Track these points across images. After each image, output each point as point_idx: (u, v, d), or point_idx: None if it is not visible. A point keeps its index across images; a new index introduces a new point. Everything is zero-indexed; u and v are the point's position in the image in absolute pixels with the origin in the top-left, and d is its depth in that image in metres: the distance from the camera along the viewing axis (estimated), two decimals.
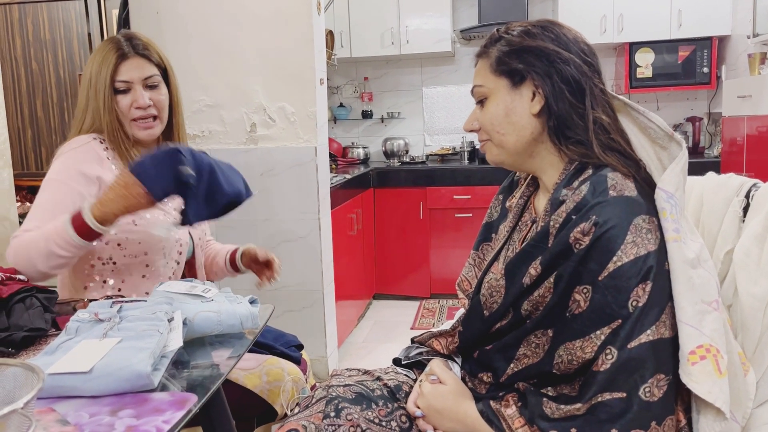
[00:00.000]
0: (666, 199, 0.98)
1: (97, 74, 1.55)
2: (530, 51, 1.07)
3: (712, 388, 0.92)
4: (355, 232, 3.80)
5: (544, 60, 1.06)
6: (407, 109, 4.87)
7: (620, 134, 1.07)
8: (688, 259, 0.95)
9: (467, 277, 1.29)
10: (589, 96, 1.06)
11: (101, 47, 1.58)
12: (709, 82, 4.02)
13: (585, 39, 1.10)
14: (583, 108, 1.05)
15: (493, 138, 1.12)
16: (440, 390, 1.10)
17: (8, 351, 1.12)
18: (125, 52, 1.56)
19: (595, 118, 1.05)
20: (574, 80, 1.05)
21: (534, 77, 1.06)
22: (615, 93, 1.13)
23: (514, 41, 1.08)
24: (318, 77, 2.79)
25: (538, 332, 1.02)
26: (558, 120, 1.06)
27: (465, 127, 1.16)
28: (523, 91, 1.08)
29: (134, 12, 2.85)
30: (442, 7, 4.37)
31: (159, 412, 0.90)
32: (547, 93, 1.05)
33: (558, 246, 0.98)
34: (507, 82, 1.09)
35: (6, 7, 4.18)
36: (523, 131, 1.08)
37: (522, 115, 1.08)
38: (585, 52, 1.08)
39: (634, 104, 1.10)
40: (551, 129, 1.07)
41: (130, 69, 1.56)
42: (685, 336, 0.93)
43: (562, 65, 1.05)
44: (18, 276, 1.33)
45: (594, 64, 1.08)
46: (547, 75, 1.05)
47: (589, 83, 1.06)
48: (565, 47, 1.06)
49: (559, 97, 1.05)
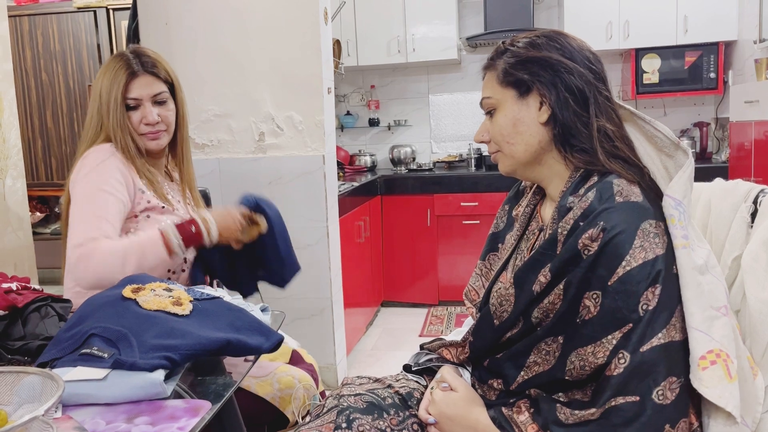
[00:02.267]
0: (674, 206, 0.99)
1: (108, 92, 1.58)
2: (535, 61, 1.08)
3: (723, 393, 0.92)
4: (363, 239, 3.81)
5: (549, 70, 1.07)
6: (414, 117, 4.89)
7: (625, 142, 1.09)
8: (697, 266, 0.96)
9: (474, 287, 1.30)
10: (594, 105, 1.07)
11: (111, 64, 1.61)
12: (716, 88, 4.02)
13: (590, 47, 1.12)
14: (588, 116, 1.07)
15: (503, 149, 1.14)
16: (452, 397, 1.11)
17: (24, 360, 1.14)
18: (135, 70, 1.60)
19: (599, 126, 1.07)
20: (578, 89, 1.07)
21: (540, 87, 1.08)
22: (622, 99, 1.14)
23: (519, 53, 1.10)
24: (325, 86, 2.81)
25: (549, 339, 1.03)
26: (563, 128, 1.08)
27: (476, 139, 1.18)
28: (530, 101, 1.09)
29: (143, 23, 2.88)
30: (448, 15, 4.39)
31: (174, 419, 0.92)
32: (553, 102, 1.07)
33: (567, 253, 0.99)
34: (514, 92, 1.10)
35: (16, 19, 4.23)
36: (531, 140, 1.10)
37: (530, 124, 1.10)
38: (590, 60, 1.09)
39: (641, 113, 1.11)
40: (557, 137, 1.09)
41: (139, 87, 1.60)
42: (695, 341, 0.94)
43: (566, 75, 1.07)
44: (33, 285, 1.35)
45: (599, 72, 1.10)
46: (553, 85, 1.07)
47: (594, 92, 1.07)
48: (569, 57, 1.08)
49: (564, 107, 1.07)
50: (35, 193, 4.39)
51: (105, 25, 4.18)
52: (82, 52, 4.22)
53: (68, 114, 4.30)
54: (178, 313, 1.14)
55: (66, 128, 4.33)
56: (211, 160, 2.89)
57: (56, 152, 4.36)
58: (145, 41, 2.87)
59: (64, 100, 4.29)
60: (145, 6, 2.87)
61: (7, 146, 2.28)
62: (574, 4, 4.10)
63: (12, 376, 0.89)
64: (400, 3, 4.39)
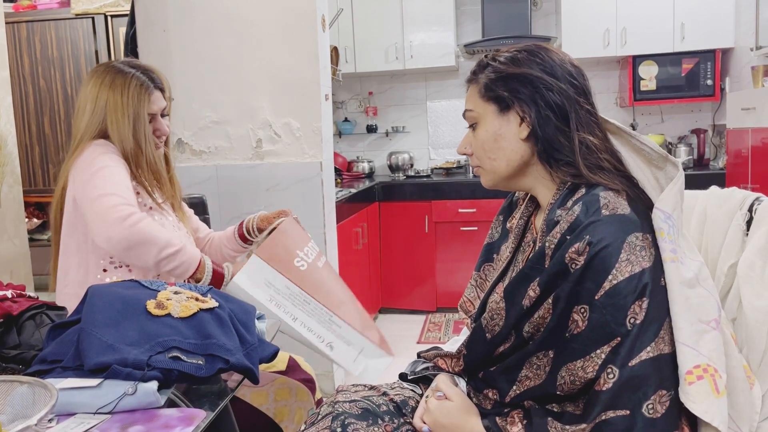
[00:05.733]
0: (664, 219, 0.99)
1: (128, 107, 1.62)
2: (515, 78, 1.09)
3: (710, 408, 0.92)
4: (361, 246, 3.81)
5: (529, 86, 1.08)
6: (412, 123, 4.89)
7: (610, 154, 1.09)
8: (685, 279, 0.96)
9: (469, 298, 1.30)
10: (575, 119, 1.07)
11: (123, 81, 1.64)
12: (713, 95, 4.03)
13: (572, 60, 1.12)
14: (569, 130, 1.07)
15: (483, 164, 1.14)
16: (447, 406, 1.10)
17: (19, 368, 1.13)
18: (152, 88, 1.67)
19: (581, 139, 1.07)
20: (557, 105, 1.07)
21: (519, 104, 1.09)
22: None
23: (499, 68, 1.11)
24: (323, 93, 2.82)
25: (540, 354, 1.03)
26: (545, 144, 1.08)
27: (458, 151, 1.19)
28: (510, 116, 1.10)
29: (141, 30, 2.89)
30: (446, 21, 4.40)
31: (168, 428, 0.91)
32: (533, 119, 1.08)
33: (554, 267, 0.99)
34: (495, 107, 1.11)
35: (14, 25, 4.23)
36: (512, 155, 1.11)
37: (510, 140, 1.10)
38: (572, 75, 1.10)
39: (626, 128, 1.12)
40: (540, 153, 1.09)
41: (155, 101, 1.67)
42: (683, 356, 0.94)
43: (545, 91, 1.07)
44: (28, 293, 1.35)
45: (581, 86, 1.10)
46: (533, 101, 1.08)
47: (575, 106, 1.08)
48: (550, 72, 1.08)
49: (544, 122, 1.07)
50: (32, 200, 4.39)
51: (103, 31, 4.18)
52: (80, 58, 4.22)
53: (66, 120, 4.30)
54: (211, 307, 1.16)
55: (63, 135, 4.33)
56: (208, 166, 2.89)
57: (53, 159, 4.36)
58: (143, 48, 2.88)
59: (62, 106, 4.28)
60: (143, 13, 2.87)
61: (4, 153, 2.28)
62: (572, 11, 4.11)
63: (6, 385, 0.88)
64: (398, 10, 4.41)
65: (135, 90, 1.63)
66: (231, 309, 1.20)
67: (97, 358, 1.00)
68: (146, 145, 1.64)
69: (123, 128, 1.61)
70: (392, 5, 4.42)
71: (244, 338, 1.15)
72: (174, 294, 1.18)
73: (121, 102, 1.62)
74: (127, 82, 1.64)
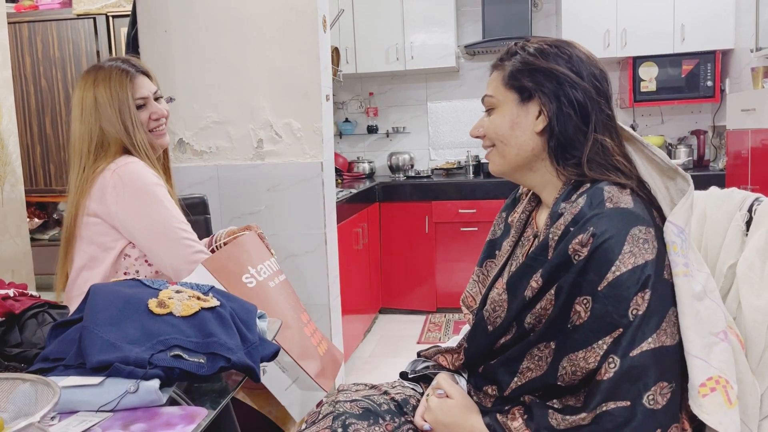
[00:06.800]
0: (677, 233, 1.00)
1: (114, 98, 1.62)
2: (542, 71, 1.09)
3: (723, 419, 0.93)
4: (361, 246, 3.82)
5: (554, 82, 1.08)
6: (412, 124, 4.90)
7: (624, 158, 1.09)
8: (696, 293, 0.97)
9: (471, 293, 1.30)
10: (594, 120, 1.08)
11: (101, 74, 1.64)
12: (713, 96, 4.04)
13: (598, 62, 1.12)
14: (587, 130, 1.08)
15: (497, 146, 1.14)
16: (447, 404, 1.11)
17: (21, 367, 1.14)
18: (132, 72, 1.65)
19: (598, 140, 1.07)
20: (579, 104, 1.07)
21: (541, 97, 1.08)
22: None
23: (527, 59, 1.11)
24: (324, 93, 2.82)
25: (541, 345, 1.03)
26: (558, 141, 1.09)
27: (471, 133, 1.19)
28: (530, 107, 1.10)
29: (143, 31, 2.89)
30: (447, 23, 4.40)
31: (170, 425, 0.92)
32: (551, 114, 1.08)
33: (557, 258, 0.99)
34: (516, 96, 1.11)
35: (16, 26, 4.23)
36: (524, 146, 1.11)
37: (525, 130, 1.10)
38: (596, 77, 1.10)
39: (640, 137, 1.13)
40: (551, 149, 1.10)
41: (141, 86, 1.66)
42: (695, 369, 0.95)
43: (569, 89, 1.07)
44: (30, 292, 1.35)
45: (603, 90, 1.10)
46: (555, 96, 1.08)
47: (596, 108, 1.08)
48: (576, 70, 1.09)
49: (563, 119, 1.07)
50: (33, 199, 4.39)
51: (104, 32, 4.19)
52: (81, 59, 4.22)
53: (67, 120, 4.30)
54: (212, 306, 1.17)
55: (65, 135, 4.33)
56: (209, 166, 2.90)
57: (55, 158, 4.36)
58: (145, 48, 2.88)
59: (64, 106, 4.29)
60: (145, 13, 2.88)
61: (6, 152, 2.28)
62: (572, 12, 4.12)
63: (8, 383, 0.89)
64: (399, 11, 4.42)
65: (116, 79, 1.64)
66: (232, 308, 1.21)
67: (99, 356, 1.00)
68: (134, 131, 1.63)
69: (112, 118, 1.62)
70: (393, 6, 4.43)
71: (245, 337, 1.15)
72: (176, 293, 1.18)
73: (106, 95, 1.63)
74: (107, 75, 1.65)
